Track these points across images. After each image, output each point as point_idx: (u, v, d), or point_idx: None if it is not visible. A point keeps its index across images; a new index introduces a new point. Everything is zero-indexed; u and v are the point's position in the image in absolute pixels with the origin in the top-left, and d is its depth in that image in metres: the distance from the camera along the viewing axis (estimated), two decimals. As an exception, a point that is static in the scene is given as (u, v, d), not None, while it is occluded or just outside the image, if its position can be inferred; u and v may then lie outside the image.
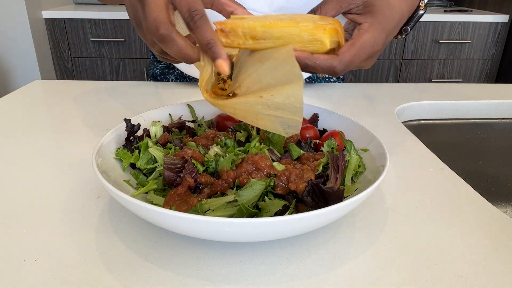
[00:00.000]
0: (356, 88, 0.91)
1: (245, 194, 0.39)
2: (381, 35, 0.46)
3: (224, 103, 0.43)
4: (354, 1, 0.47)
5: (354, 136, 0.52)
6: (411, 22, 0.53)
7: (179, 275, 0.35)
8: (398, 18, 0.48)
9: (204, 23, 0.40)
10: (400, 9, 0.48)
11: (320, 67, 0.43)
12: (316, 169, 0.44)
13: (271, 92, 0.40)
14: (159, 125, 0.52)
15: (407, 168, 0.55)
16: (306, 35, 0.41)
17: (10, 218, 0.42)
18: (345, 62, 0.43)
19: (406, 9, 0.50)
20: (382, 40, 0.46)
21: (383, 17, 0.47)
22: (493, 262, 0.37)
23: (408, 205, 0.46)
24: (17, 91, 0.84)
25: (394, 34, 0.50)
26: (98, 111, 0.74)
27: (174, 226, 0.35)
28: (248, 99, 0.42)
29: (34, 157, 0.56)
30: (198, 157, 0.44)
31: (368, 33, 0.45)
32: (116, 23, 2.28)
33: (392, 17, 0.47)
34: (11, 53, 2.17)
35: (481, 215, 0.45)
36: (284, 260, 0.37)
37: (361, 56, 0.45)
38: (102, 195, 0.47)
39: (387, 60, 2.45)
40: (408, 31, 0.53)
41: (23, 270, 0.35)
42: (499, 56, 2.51)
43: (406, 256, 0.38)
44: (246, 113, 0.43)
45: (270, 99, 0.40)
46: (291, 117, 0.41)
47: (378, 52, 0.47)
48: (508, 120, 0.84)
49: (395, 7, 0.48)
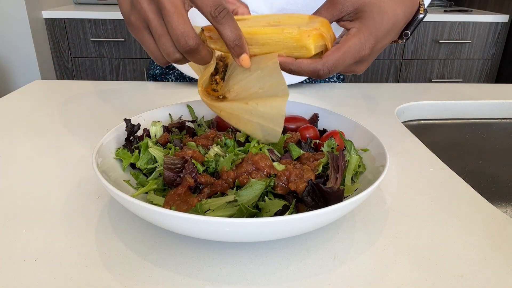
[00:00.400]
0: (356, 88, 0.91)
1: (245, 194, 0.39)
2: (368, 40, 0.46)
3: (212, 103, 0.46)
4: (345, 9, 0.47)
5: (354, 136, 0.52)
6: (411, 26, 0.53)
7: (179, 275, 0.35)
8: (391, 23, 0.48)
9: (231, 19, 0.41)
10: (394, 14, 0.48)
11: (305, 71, 0.44)
12: (316, 169, 0.44)
13: (256, 101, 0.43)
14: (159, 125, 0.52)
15: (407, 168, 0.55)
16: (291, 42, 0.42)
17: (10, 218, 0.42)
18: (329, 65, 0.44)
19: (402, 14, 0.50)
20: (370, 45, 0.47)
21: (372, 22, 0.47)
22: (493, 262, 0.37)
23: (408, 205, 0.46)
24: (17, 91, 0.84)
25: (388, 39, 0.50)
26: (98, 111, 0.74)
27: (174, 226, 0.35)
28: (234, 104, 0.44)
29: (34, 157, 0.56)
30: (198, 157, 0.44)
31: (355, 38, 0.46)
32: (116, 23, 2.28)
33: (383, 22, 0.47)
34: (11, 53, 2.17)
35: (481, 215, 0.45)
36: (284, 260, 0.37)
37: (346, 60, 0.45)
38: (102, 195, 0.47)
39: (387, 60, 2.45)
40: (408, 35, 0.53)
41: (23, 270, 0.35)
42: (499, 56, 2.51)
43: (406, 256, 0.38)
44: (230, 115, 0.45)
45: (255, 107, 0.43)
46: (272, 126, 0.43)
47: (367, 56, 0.48)
48: (508, 120, 0.84)
49: (388, 12, 0.48)
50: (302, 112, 0.59)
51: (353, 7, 0.47)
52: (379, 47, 0.49)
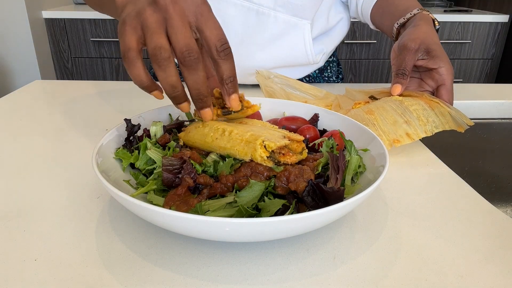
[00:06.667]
0: (356, 88, 0.91)
1: (244, 195, 0.39)
2: (451, 67, 0.65)
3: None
4: (419, 51, 0.65)
5: (354, 136, 0.52)
6: None
7: (179, 275, 0.35)
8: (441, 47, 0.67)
9: (232, 59, 0.43)
10: (437, 36, 0.68)
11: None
12: (315, 169, 0.44)
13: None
14: (160, 125, 0.52)
15: (407, 168, 0.55)
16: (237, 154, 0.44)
17: (10, 218, 0.42)
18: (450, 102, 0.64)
19: (436, 37, 0.68)
20: (452, 70, 0.65)
21: (443, 54, 0.65)
22: (493, 262, 0.37)
23: (408, 205, 0.46)
24: (17, 91, 0.84)
25: None
26: (98, 111, 0.74)
27: (174, 226, 0.35)
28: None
29: (34, 157, 0.56)
30: (196, 157, 0.44)
31: (450, 75, 0.65)
32: (116, 23, 2.28)
33: (443, 50, 0.66)
34: (11, 53, 2.17)
35: (481, 215, 0.45)
36: (284, 260, 0.37)
37: (452, 92, 0.65)
38: (102, 195, 0.47)
39: (387, 60, 2.45)
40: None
41: (23, 270, 0.35)
42: (499, 56, 2.51)
43: (406, 256, 0.38)
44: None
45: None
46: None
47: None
48: (508, 120, 0.84)
49: (435, 38, 0.66)
50: (302, 112, 0.59)
51: (423, 49, 0.65)
52: None
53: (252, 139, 0.43)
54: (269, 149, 0.42)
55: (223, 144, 0.44)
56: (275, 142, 0.42)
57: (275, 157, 0.42)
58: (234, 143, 0.44)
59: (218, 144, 0.45)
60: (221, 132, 0.45)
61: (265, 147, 0.42)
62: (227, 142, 0.44)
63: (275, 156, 0.42)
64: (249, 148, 0.42)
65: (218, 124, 0.47)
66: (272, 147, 0.42)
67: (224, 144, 0.44)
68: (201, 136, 0.47)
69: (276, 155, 0.42)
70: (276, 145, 0.42)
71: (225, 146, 0.44)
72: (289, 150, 0.44)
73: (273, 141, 0.42)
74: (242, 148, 0.43)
